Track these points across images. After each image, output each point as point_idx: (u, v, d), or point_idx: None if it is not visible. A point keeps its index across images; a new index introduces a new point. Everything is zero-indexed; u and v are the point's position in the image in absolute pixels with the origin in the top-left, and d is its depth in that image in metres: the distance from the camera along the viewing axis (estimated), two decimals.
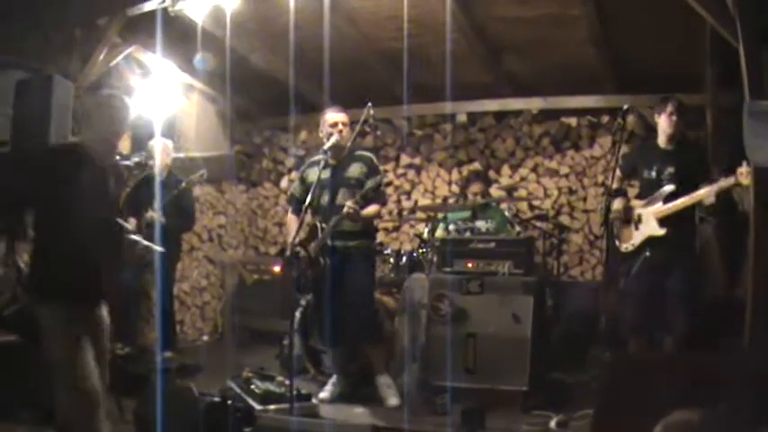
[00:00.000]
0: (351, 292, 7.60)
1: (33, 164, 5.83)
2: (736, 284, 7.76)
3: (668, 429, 3.83)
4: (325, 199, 7.66)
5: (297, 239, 7.37)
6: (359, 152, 7.90)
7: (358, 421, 6.98)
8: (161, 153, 9.31)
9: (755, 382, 4.58)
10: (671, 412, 3.89)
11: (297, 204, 7.83)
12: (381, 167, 8.32)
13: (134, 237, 5.80)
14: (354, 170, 7.68)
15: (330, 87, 9.46)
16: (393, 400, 7.57)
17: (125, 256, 6.02)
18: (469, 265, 8.02)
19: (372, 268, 8.12)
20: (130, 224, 9.09)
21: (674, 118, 7.39)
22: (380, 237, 11.03)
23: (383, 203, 8.05)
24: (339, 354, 7.95)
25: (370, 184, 7.52)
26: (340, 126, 7.63)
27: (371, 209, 7.59)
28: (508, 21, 9.11)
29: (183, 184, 9.15)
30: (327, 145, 7.53)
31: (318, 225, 7.58)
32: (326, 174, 7.62)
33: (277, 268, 11.34)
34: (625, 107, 7.31)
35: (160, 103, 10.43)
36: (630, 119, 9.81)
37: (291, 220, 7.95)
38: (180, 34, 9.44)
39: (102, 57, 8.90)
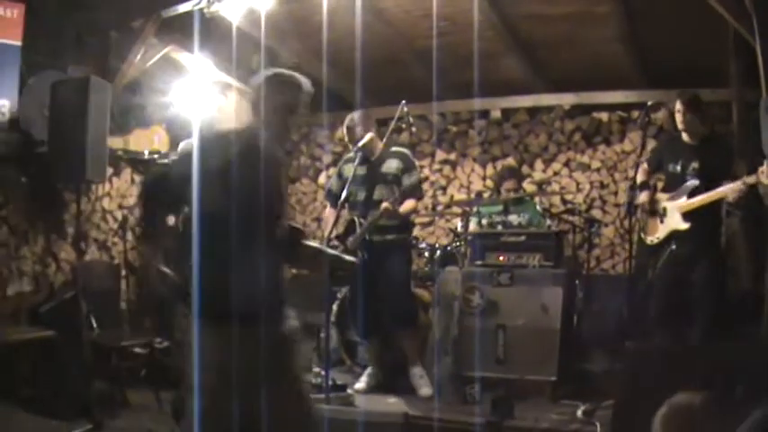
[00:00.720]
0: (388, 283, 7.74)
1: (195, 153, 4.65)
2: (761, 277, 7.84)
3: (672, 411, 3.94)
4: (362, 194, 7.79)
5: (333, 233, 7.49)
6: (395, 148, 8.04)
7: (391, 410, 7.10)
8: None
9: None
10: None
11: (333, 199, 7.91)
12: (417, 163, 8.42)
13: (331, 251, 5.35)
14: (391, 166, 7.80)
15: (366, 85, 9.59)
16: (426, 390, 7.69)
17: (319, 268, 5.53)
18: (501, 258, 8.15)
19: (409, 260, 8.24)
20: (169, 221, 9.31)
21: (679, 116, 7.43)
22: (416, 231, 11.15)
23: (419, 198, 8.13)
24: (375, 345, 8.10)
25: (408, 181, 7.67)
26: (353, 143, 7.75)
27: (408, 204, 7.70)
28: (539, 18, 9.16)
29: None
30: (360, 144, 7.65)
31: (357, 220, 7.73)
32: (362, 170, 7.74)
33: None
34: (649, 103, 7.41)
35: (198, 101, 10.58)
36: (661, 114, 9.91)
37: (329, 214, 8.07)
38: (216, 34, 9.60)
39: (138, 57, 9.04)
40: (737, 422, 3.42)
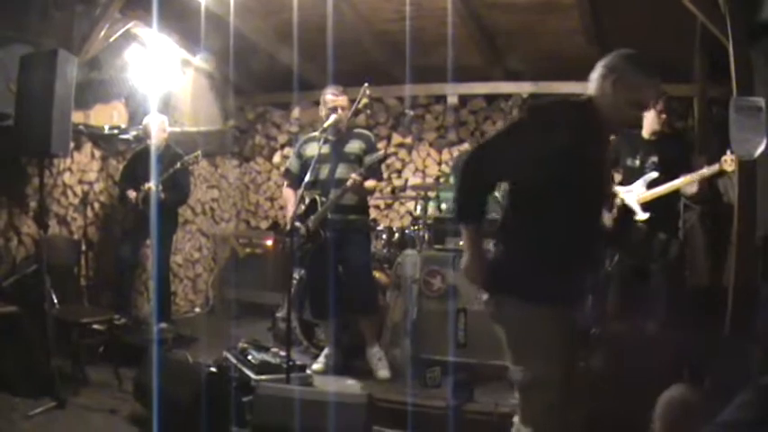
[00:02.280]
0: (349, 264, 7.78)
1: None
2: (718, 271, 7.94)
3: (670, 404, 3.98)
4: (325, 174, 7.79)
5: (296, 213, 7.54)
6: (358, 130, 8.11)
7: (354, 391, 7.13)
8: (157, 129, 9.41)
9: (734, 364, 4.79)
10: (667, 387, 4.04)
11: (293, 179, 8.00)
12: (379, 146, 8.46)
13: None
14: (354, 146, 7.85)
15: (325, 65, 9.59)
16: (384, 373, 7.76)
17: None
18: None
19: (368, 242, 8.29)
20: (130, 196, 9.29)
21: (663, 116, 7.53)
22: (372, 214, 11.20)
23: (380, 179, 8.18)
24: (334, 326, 8.10)
25: (371, 158, 7.65)
26: (339, 110, 7.76)
27: (371, 182, 7.76)
28: (503, 7, 9.24)
29: (178, 165, 9.22)
30: (327, 123, 7.64)
31: (318, 199, 7.72)
32: (326, 149, 7.74)
33: (269, 242, 11.48)
34: None
35: (157, 77, 10.58)
36: None
37: (289, 194, 8.08)
38: (180, 11, 9.57)
39: (102, 32, 8.99)
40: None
